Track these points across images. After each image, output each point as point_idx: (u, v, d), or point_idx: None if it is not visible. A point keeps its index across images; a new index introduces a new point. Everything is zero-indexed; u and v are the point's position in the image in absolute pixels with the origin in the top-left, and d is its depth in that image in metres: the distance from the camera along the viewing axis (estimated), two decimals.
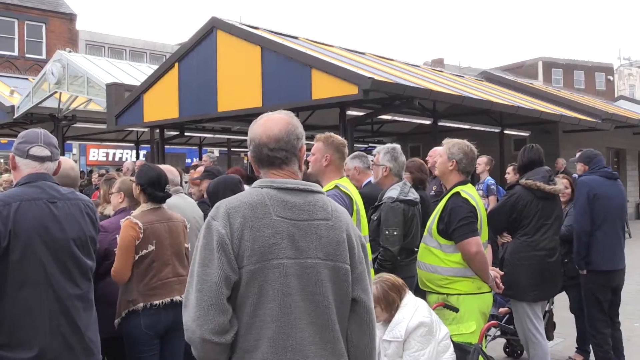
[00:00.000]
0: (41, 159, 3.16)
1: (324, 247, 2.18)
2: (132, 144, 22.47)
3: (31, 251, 2.93)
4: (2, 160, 24.93)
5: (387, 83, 10.12)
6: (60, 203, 3.08)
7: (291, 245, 2.12)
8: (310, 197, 2.24)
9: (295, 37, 13.38)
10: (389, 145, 5.21)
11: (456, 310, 4.36)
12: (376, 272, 4.37)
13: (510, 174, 8.93)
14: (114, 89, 13.90)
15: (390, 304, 3.95)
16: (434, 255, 4.48)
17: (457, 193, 4.49)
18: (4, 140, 23.93)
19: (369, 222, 4.85)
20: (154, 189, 4.40)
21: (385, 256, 4.70)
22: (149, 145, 16.50)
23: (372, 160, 5.36)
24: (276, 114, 2.32)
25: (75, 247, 3.08)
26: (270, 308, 2.07)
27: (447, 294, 4.42)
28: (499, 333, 6.09)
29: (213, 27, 11.97)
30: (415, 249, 4.83)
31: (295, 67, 10.54)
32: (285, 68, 10.72)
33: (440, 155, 4.78)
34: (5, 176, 8.00)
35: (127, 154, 30.51)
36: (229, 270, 2.05)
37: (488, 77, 20.89)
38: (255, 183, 2.25)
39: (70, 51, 16.81)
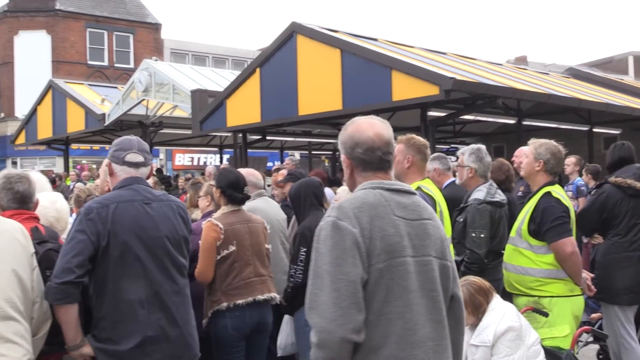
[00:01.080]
0: (136, 165, 3.30)
1: (433, 245, 2.27)
2: (215, 149, 22.98)
3: (129, 249, 3.07)
4: (94, 166, 26.09)
5: (469, 82, 9.94)
6: (154, 204, 3.22)
7: (410, 244, 2.19)
8: (413, 198, 2.32)
9: (375, 39, 13.34)
10: (473, 146, 5.12)
11: (546, 314, 4.22)
12: (462, 275, 4.29)
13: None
14: (198, 95, 14.26)
15: (477, 308, 3.88)
16: (524, 256, 4.36)
17: (549, 193, 4.36)
18: (97, 146, 24.98)
19: (453, 224, 4.78)
20: (234, 190, 4.51)
21: (472, 259, 4.60)
22: (232, 150, 16.84)
23: (456, 162, 5.27)
24: (374, 119, 2.40)
25: (169, 244, 3.21)
26: (395, 305, 2.12)
27: (539, 297, 4.29)
28: (591, 339, 5.85)
29: (293, 32, 12.09)
30: (502, 252, 4.71)
31: (375, 69, 10.50)
32: (365, 70, 10.70)
33: (526, 155, 4.66)
34: (97, 181, 8.34)
35: (210, 158, 31.24)
36: (362, 268, 2.09)
37: (575, 73, 20.17)
38: (366, 184, 2.30)
39: (156, 60, 17.38)
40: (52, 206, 3.85)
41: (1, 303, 2.70)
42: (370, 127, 2.34)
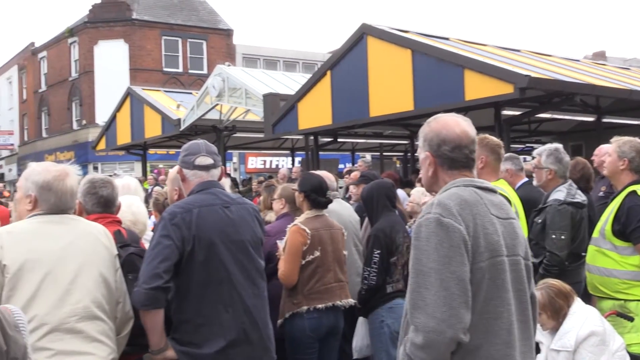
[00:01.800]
0: (206, 168, 3.32)
1: (520, 244, 2.24)
2: (287, 152, 23.20)
3: (213, 253, 3.11)
4: (170, 170, 26.79)
5: (545, 80, 9.67)
6: (232, 207, 3.26)
7: (504, 243, 2.16)
8: (500, 197, 2.30)
9: (447, 38, 13.16)
10: (550, 145, 4.96)
11: (631, 319, 4.05)
12: (541, 277, 4.18)
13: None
14: (270, 99, 14.43)
15: (557, 311, 3.76)
16: (609, 257, 4.20)
17: (634, 192, 4.18)
18: (172, 151, 25.65)
19: (531, 226, 4.66)
20: (317, 195, 4.53)
21: (552, 261, 4.47)
22: (304, 152, 16.96)
23: (533, 163, 5.13)
24: (457, 116, 2.36)
25: (250, 247, 3.25)
26: (494, 305, 2.10)
27: (625, 300, 4.12)
28: None
29: (363, 34, 12.08)
30: (582, 254, 4.56)
31: (447, 68, 10.36)
32: (437, 70, 10.58)
33: (608, 154, 4.49)
34: (160, 189, 8.43)
35: (282, 161, 31.57)
36: (469, 267, 2.06)
37: None
38: (457, 182, 2.27)
39: (229, 65, 17.71)
40: (128, 209, 3.92)
41: (88, 303, 2.81)
42: (456, 124, 2.31)
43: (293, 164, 23.08)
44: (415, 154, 18.39)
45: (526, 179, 5.61)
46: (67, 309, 2.76)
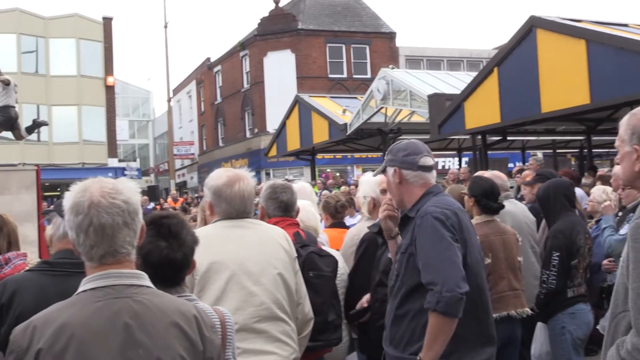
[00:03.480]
0: (430, 169, 3.10)
1: None
2: (454, 152, 22.83)
3: (476, 259, 2.97)
4: (338, 174, 27.40)
5: None
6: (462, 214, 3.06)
7: None
8: None
9: (625, 25, 12.28)
10: None
11: None
12: None
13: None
14: (435, 100, 14.30)
15: None
16: None
17: None
18: (339, 155, 26.23)
19: None
20: (488, 200, 4.39)
21: None
22: (471, 152, 16.60)
23: None
24: None
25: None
26: None
27: None
28: None
29: (532, 26, 11.59)
30: None
31: (627, 57, 9.66)
32: (615, 59, 9.89)
33: None
34: (328, 192, 8.52)
35: (449, 162, 31.10)
36: None
37: None
38: None
39: (392, 68, 17.79)
40: (301, 213, 3.98)
41: (270, 304, 2.93)
42: None
43: (460, 164, 22.66)
44: (593, 150, 17.34)
45: None
46: (251, 310, 2.88)
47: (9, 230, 3.93)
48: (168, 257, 2.27)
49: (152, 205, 21.14)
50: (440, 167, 32.14)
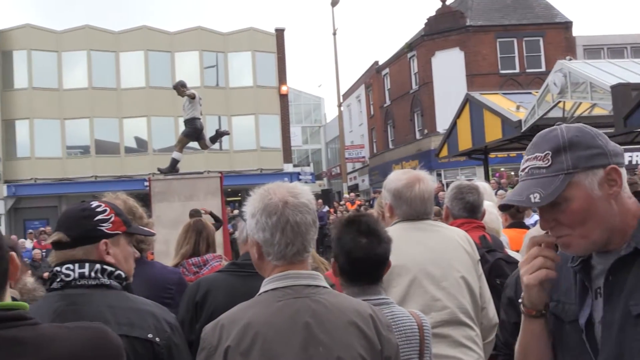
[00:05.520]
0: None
1: None
2: None
3: None
4: (512, 173, 26.40)
5: None
6: None
7: None
8: None
9: None
10: None
11: None
12: None
13: None
14: (619, 90, 13.31)
15: None
16: None
17: None
18: (513, 153, 25.26)
19: None
20: None
21: None
22: None
23: None
24: None
25: None
26: None
27: None
28: None
29: None
30: None
31: None
32: None
33: None
34: (504, 192, 8.19)
35: (636, 156, 28.83)
36: None
37: None
38: None
39: (569, 59, 16.80)
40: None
41: (453, 309, 2.86)
42: None
43: None
44: None
45: None
46: (433, 315, 2.82)
47: (208, 234, 4.24)
48: (371, 252, 2.33)
49: (326, 208, 21.66)
50: (626, 162, 29.88)
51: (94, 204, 2.22)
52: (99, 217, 2.16)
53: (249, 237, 2.03)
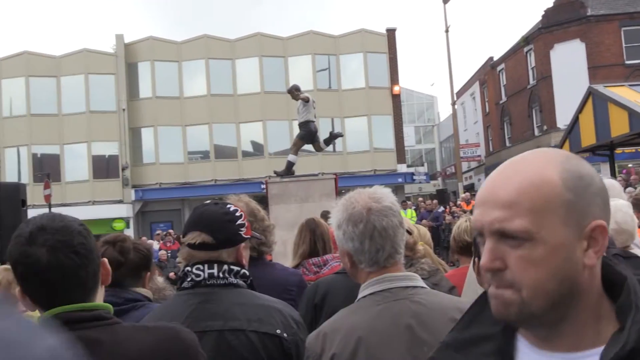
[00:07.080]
0: None
1: None
2: None
3: None
4: None
5: None
6: None
7: None
8: None
9: None
10: None
11: None
12: None
13: None
14: None
15: None
16: None
17: None
18: (631, 149, 23.88)
19: None
20: None
21: None
22: None
23: None
24: None
25: None
26: None
27: None
28: None
29: None
30: None
31: None
32: None
33: None
34: (632, 190, 7.68)
35: None
36: None
37: None
38: None
39: None
40: (612, 217, 3.61)
41: None
42: None
43: None
44: None
45: None
46: None
47: (322, 232, 4.24)
48: None
49: (441, 208, 21.33)
50: None
51: (231, 207, 2.28)
52: (239, 221, 2.25)
53: (339, 248, 2.05)
